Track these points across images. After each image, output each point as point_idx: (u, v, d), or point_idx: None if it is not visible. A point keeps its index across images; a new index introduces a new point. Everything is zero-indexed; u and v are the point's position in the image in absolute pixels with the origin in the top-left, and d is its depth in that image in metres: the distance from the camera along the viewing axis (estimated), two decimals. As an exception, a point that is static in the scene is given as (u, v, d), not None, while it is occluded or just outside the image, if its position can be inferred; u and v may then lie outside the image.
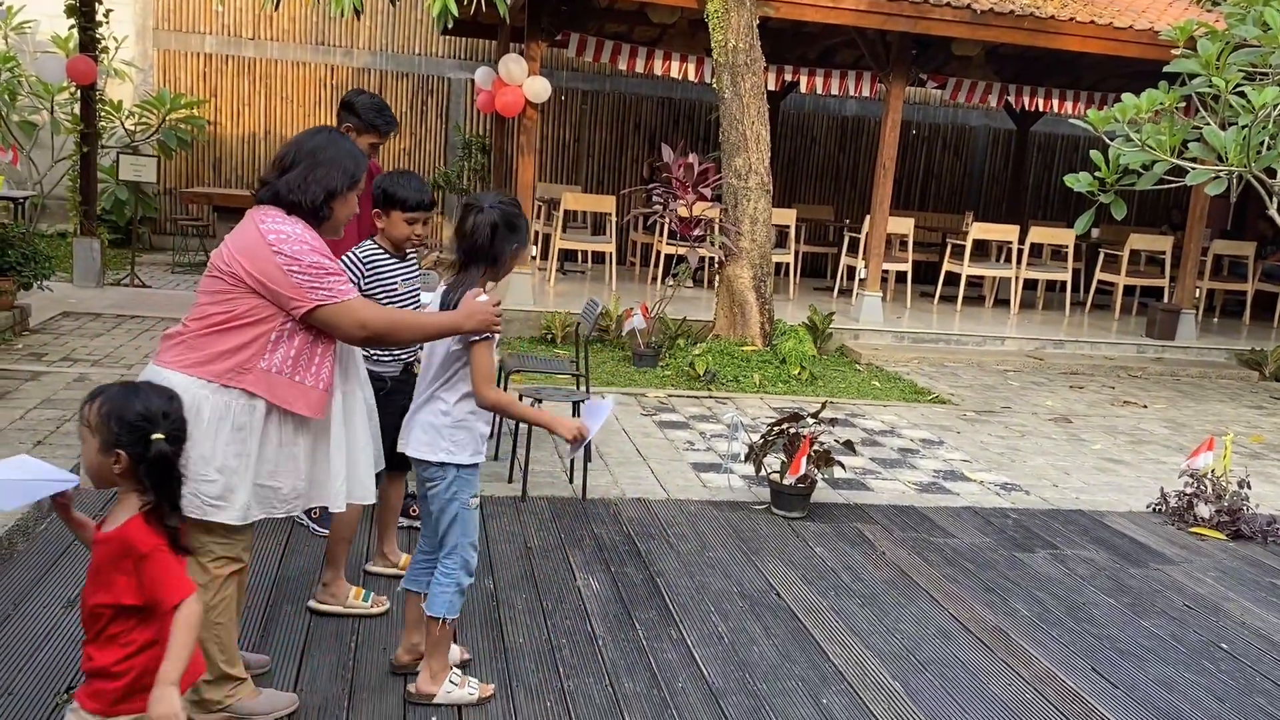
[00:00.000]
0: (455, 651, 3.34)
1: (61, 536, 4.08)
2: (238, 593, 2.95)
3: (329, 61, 12.98)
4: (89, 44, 9.56)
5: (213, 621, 2.84)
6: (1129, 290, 12.22)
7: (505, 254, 3.06)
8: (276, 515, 2.87)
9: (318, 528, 4.34)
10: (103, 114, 10.82)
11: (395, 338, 2.93)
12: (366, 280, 3.73)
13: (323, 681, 3.22)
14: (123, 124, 11.86)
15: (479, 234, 3.02)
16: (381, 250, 3.79)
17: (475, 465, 3.11)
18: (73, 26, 9.81)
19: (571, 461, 5.47)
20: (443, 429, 3.05)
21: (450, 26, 8.90)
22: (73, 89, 10.42)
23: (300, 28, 12.89)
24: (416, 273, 3.89)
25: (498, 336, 3.04)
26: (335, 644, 3.46)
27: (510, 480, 5.22)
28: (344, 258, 3.81)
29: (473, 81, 11.95)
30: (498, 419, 5.88)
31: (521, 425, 5.63)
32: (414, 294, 3.84)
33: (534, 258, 10.46)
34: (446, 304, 3.02)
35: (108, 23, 10.02)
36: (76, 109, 10.20)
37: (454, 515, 3.09)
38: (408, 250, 3.83)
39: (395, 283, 3.77)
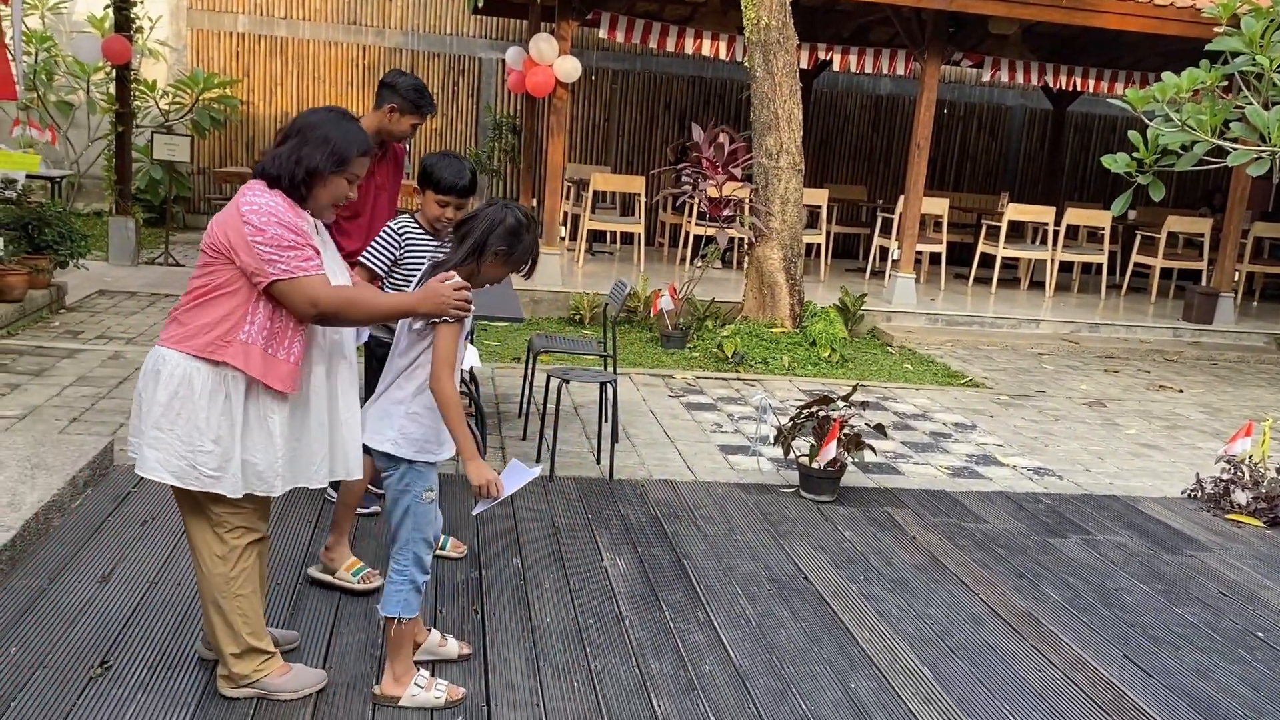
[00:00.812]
0: (453, 645, 3.28)
1: (97, 512, 4.14)
2: (259, 564, 2.97)
3: (361, 41, 13.00)
4: (124, 24, 9.62)
5: (234, 593, 2.86)
6: (1166, 273, 12.05)
7: (489, 250, 2.92)
8: (256, 493, 2.82)
9: None
10: (137, 94, 10.92)
11: (348, 316, 2.80)
12: (402, 251, 3.79)
13: (351, 659, 3.25)
14: (157, 104, 11.95)
15: (479, 219, 2.95)
16: (416, 226, 3.84)
17: (430, 463, 2.98)
18: (108, 6, 9.89)
19: (599, 442, 5.47)
20: (394, 418, 2.94)
21: (481, 6, 8.90)
22: (108, 69, 10.52)
23: (332, 7, 12.90)
24: None
25: (469, 323, 2.96)
26: (365, 621, 3.48)
27: (538, 460, 5.23)
28: (382, 231, 3.87)
29: (504, 61, 11.93)
30: (527, 397, 5.89)
31: (550, 404, 5.64)
32: None
33: (563, 238, 10.45)
34: (422, 282, 2.96)
35: (142, 2, 10.09)
36: (112, 89, 10.29)
37: (405, 508, 2.96)
38: (441, 230, 3.84)
39: (424, 260, 3.78)
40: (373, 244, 3.88)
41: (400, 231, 3.84)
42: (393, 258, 3.83)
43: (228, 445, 2.75)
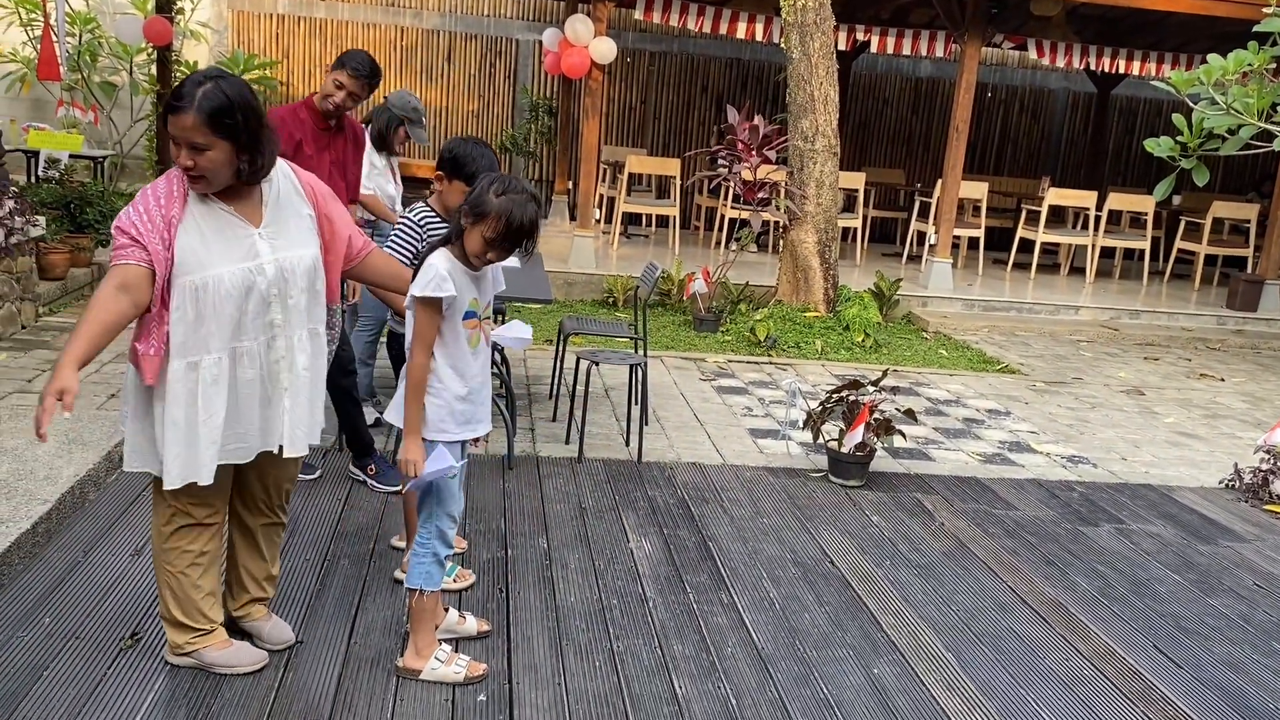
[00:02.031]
0: (472, 623, 3.30)
1: (131, 487, 4.21)
2: (213, 548, 2.96)
3: (399, 23, 13.03)
4: (165, 5, 9.73)
5: (164, 566, 2.91)
6: (1210, 260, 11.82)
7: (462, 220, 2.84)
8: (151, 471, 2.81)
9: (376, 484, 4.41)
10: (179, 75, 11.01)
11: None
12: (425, 244, 3.75)
13: (376, 635, 3.28)
14: (198, 85, 12.05)
15: (469, 198, 2.85)
16: (433, 213, 3.80)
17: (450, 441, 2.95)
18: (150, -12, 9.99)
19: (628, 424, 5.47)
20: None
21: (517, -14, 8.89)
22: (150, 50, 10.63)
23: (371, -11, 12.95)
24: None
25: (460, 303, 2.86)
26: (390, 598, 3.51)
27: (567, 441, 5.24)
28: (401, 221, 3.84)
29: (541, 43, 11.91)
30: (557, 378, 5.91)
31: (579, 386, 5.66)
32: None
33: (598, 220, 10.43)
34: (419, 262, 2.91)
35: (183, -16, 10.18)
36: (154, 70, 10.40)
37: (428, 483, 2.98)
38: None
39: None
40: (394, 236, 3.83)
41: (420, 222, 3.78)
42: (415, 250, 3.75)
43: (132, 423, 2.81)
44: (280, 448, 2.90)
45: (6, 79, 11.78)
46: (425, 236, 3.77)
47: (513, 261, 3.06)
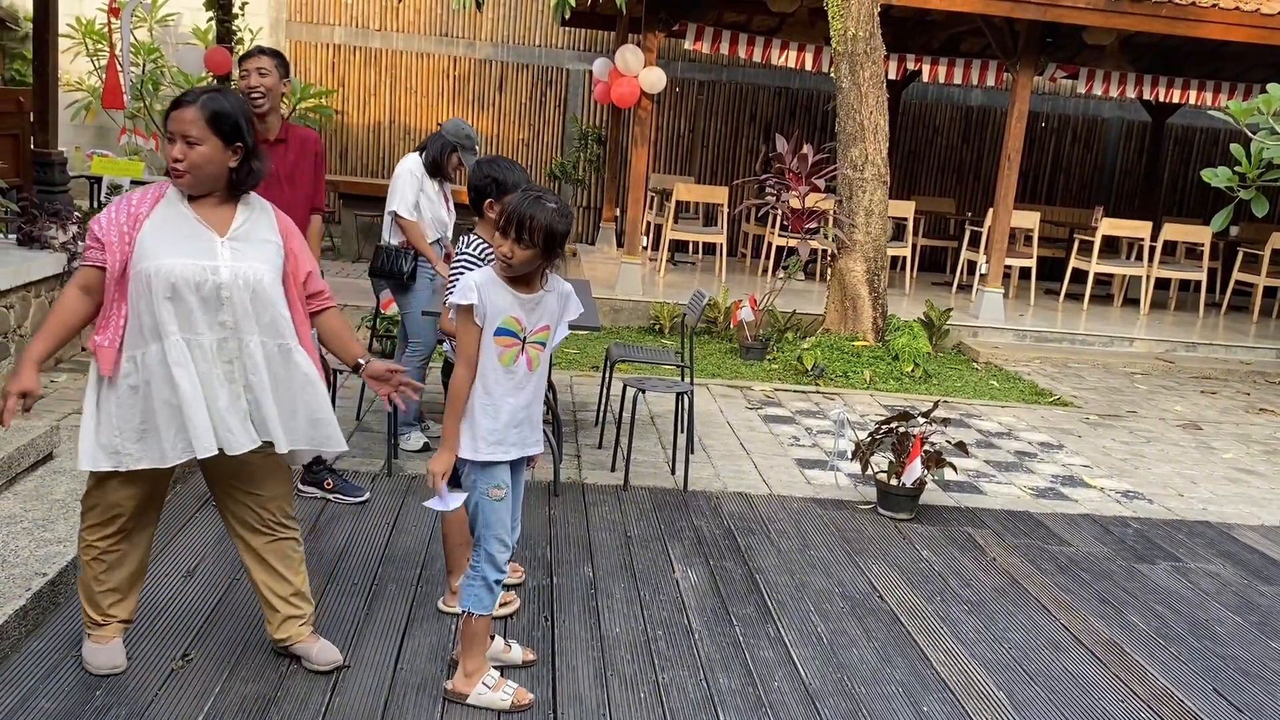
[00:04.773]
0: (517, 652, 3.30)
1: (184, 510, 4.27)
2: (123, 555, 3.04)
3: (452, 53, 13.23)
4: (226, 36, 9.97)
5: (81, 557, 3.05)
6: (1270, 291, 11.58)
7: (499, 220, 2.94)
8: (84, 466, 2.87)
9: (338, 498, 4.49)
10: (237, 103, 11.27)
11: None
12: None
13: (422, 660, 3.29)
14: (256, 113, 12.32)
15: (506, 205, 2.93)
16: (485, 241, 3.84)
17: (487, 463, 2.97)
18: (211, 19, 10.25)
19: (674, 452, 5.46)
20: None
21: (569, 18, 9.00)
22: (210, 79, 10.88)
23: (425, 20, 13.17)
24: None
25: (494, 317, 2.91)
26: (436, 624, 3.52)
27: (613, 469, 5.24)
28: (460, 255, 3.86)
29: (590, 72, 12.03)
30: (603, 405, 5.92)
31: (625, 413, 5.66)
32: None
33: (645, 247, 10.47)
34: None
35: (243, 15, 10.43)
36: (213, 98, 10.64)
37: (475, 504, 3.00)
38: None
39: None
40: (455, 269, 3.87)
41: (480, 254, 3.82)
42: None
43: (88, 421, 2.87)
44: (261, 454, 2.97)
45: (72, 108, 12.12)
46: (486, 264, 3.81)
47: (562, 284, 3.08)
